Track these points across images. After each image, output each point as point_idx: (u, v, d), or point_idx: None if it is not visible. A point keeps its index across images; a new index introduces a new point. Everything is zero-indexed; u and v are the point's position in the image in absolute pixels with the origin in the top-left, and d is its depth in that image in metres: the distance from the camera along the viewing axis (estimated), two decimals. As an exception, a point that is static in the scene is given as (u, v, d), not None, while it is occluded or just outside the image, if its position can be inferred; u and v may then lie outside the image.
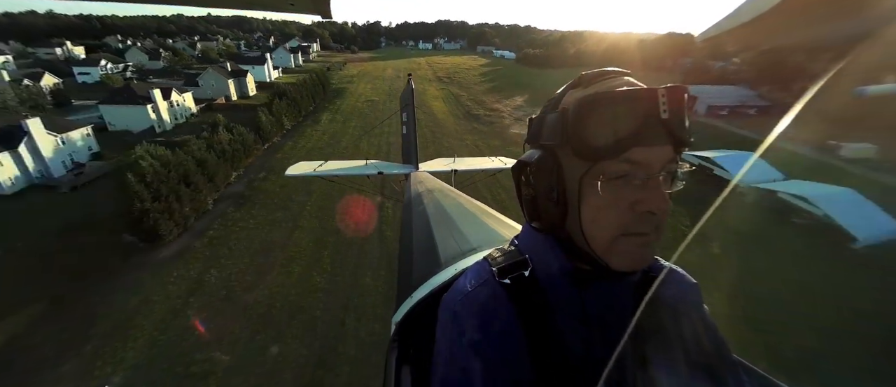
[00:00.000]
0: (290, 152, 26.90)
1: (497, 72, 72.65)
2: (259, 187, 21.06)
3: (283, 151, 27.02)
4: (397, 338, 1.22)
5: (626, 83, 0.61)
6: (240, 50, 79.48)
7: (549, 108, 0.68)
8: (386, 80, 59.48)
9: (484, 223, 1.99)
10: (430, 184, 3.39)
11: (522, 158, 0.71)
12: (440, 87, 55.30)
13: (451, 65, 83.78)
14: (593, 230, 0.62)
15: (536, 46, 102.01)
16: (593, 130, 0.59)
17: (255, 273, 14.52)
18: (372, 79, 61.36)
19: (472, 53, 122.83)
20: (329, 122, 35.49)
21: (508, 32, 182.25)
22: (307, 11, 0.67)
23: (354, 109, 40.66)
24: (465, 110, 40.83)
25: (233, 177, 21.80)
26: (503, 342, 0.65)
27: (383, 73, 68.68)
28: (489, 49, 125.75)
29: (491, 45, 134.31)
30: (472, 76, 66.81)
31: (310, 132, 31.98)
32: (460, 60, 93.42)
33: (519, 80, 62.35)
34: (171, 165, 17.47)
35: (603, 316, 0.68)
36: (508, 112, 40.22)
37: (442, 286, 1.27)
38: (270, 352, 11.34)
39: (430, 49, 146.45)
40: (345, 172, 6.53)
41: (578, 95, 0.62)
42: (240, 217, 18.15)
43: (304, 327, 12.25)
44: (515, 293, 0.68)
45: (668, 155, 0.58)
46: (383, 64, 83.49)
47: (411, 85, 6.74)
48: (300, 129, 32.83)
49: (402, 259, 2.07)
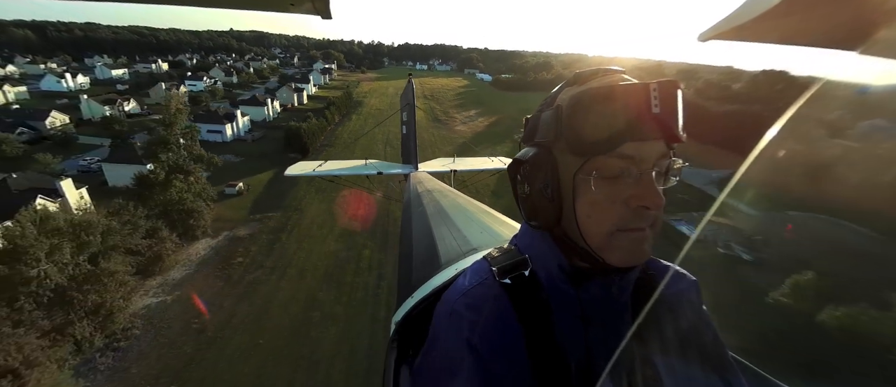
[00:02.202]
0: (341, 133, 52.71)
1: (469, 92, 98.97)
2: (337, 135, 47.04)
3: (336, 133, 52.81)
4: (397, 338, 1.23)
5: (620, 80, 0.61)
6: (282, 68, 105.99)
7: (544, 106, 0.69)
8: (388, 96, 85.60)
9: (484, 223, 2.01)
10: (430, 184, 3.48)
11: (518, 156, 0.72)
12: (423, 102, 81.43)
13: (438, 85, 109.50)
14: (589, 226, 0.62)
15: (512, 71, 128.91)
16: (587, 126, 0.59)
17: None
18: (379, 95, 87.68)
19: (459, 75, 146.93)
20: (356, 119, 61.58)
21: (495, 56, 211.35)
22: (307, 11, 0.68)
23: (370, 114, 66.67)
24: (434, 116, 66.98)
25: (321, 138, 47.82)
26: (502, 340, 0.65)
27: (386, 90, 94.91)
28: (473, 72, 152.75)
29: (476, 68, 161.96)
30: (449, 95, 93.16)
31: (348, 124, 57.95)
32: (446, 82, 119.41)
33: (481, 99, 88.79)
34: (310, 127, 43.50)
35: (601, 314, 0.68)
36: (460, 119, 66.55)
37: (442, 286, 1.27)
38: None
39: (426, 70, 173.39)
40: (344, 172, 6.64)
41: (573, 92, 0.62)
42: (332, 149, 43.96)
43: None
44: (514, 292, 0.68)
45: (661, 150, 0.59)
46: (386, 84, 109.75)
47: (411, 84, 6.92)
48: (342, 123, 58.85)
49: (401, 259, 2.06)
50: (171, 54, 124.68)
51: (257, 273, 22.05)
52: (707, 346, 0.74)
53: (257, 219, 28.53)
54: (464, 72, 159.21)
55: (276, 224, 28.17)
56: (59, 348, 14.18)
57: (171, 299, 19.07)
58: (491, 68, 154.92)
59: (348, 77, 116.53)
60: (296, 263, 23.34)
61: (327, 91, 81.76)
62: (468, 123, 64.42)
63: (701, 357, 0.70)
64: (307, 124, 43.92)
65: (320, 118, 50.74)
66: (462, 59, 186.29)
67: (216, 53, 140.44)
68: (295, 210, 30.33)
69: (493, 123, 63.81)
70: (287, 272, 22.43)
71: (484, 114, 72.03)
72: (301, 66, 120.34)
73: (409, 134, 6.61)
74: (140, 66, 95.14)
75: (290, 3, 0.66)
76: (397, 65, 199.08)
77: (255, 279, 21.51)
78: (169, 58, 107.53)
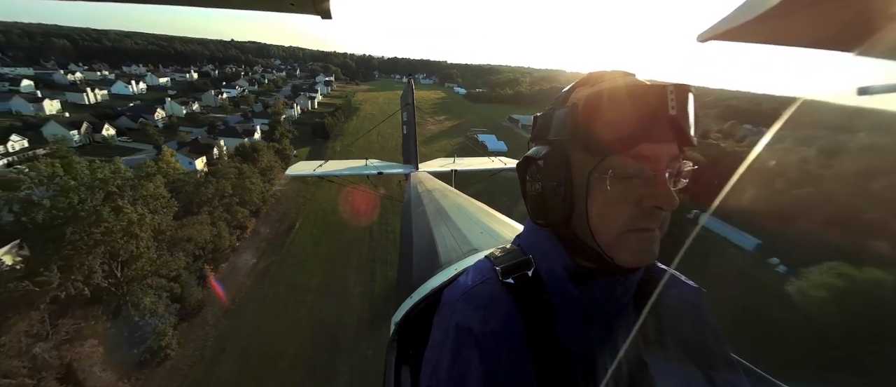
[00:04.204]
0: (347, 127, 75.98)
1: (444, 103, 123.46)
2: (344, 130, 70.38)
3: (344, 128, 76.06)
4: (397, 338, 1.23)
5: (634, 81, 0.61)
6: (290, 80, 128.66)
7: (556, 105, 0.69)
8: (379, 104, 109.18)
9: (484, 223, 2.03)
10: (430, 184, 3.54)
11: (529, 153, 0.73)
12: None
13: (419, 97, 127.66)
14: (600, 225, 0.62)
15: (485, 85, 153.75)
16: (603, 125, 0.59)
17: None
18: (372, 103, 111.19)
19: (440, 88, 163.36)
20: (356, 120, 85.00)
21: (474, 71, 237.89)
22: (307, 11, 0.68)
23: (366, 116, 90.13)
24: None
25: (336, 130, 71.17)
26: (504, 340, 0.66)
27: (377, 100, 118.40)
28: (452, 85, 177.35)
29: (455, 82, 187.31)
30: (426, 105, 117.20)
31: (351, 122, 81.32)
32: (427, 94, 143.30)
33: (452, 108, 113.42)
34: (329, 122, 67.04)
35: (604, 314, 0.69)
36: (432, 122, 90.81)
37: (442, 286, 1.28)
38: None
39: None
40: (345, 172, 6.66)
41: (588, 92, 0.63)
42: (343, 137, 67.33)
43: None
44: (517, 292, 0.69)
45: (674, 152, 0.59)
46: (377, 94, 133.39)
47: (411, 85, 7.05)
48: (347, 121, 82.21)
49: (402, 259, 2.09)
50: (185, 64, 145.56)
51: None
52: (709, 347, 0.74)
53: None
54: (444, 85, 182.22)
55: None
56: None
57: (284, 188, 41.90)
58: (468, 82, 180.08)
59: (346, 88, 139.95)
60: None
61: (331, 99, 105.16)
62: (437, 125, 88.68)
63: (703, 358, 0.70)
64: (328, 120, 67.29)
65: (332, 118, 73.99)
66: (443, 73, 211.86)
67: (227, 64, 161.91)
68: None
69: (455, 125, 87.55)
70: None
71: (450, 119, 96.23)
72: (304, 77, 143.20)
73: (409, 134, 6.82)
74: (176, 76, 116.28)
75: (290, 3, 0.67)
76: (387, 77, 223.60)
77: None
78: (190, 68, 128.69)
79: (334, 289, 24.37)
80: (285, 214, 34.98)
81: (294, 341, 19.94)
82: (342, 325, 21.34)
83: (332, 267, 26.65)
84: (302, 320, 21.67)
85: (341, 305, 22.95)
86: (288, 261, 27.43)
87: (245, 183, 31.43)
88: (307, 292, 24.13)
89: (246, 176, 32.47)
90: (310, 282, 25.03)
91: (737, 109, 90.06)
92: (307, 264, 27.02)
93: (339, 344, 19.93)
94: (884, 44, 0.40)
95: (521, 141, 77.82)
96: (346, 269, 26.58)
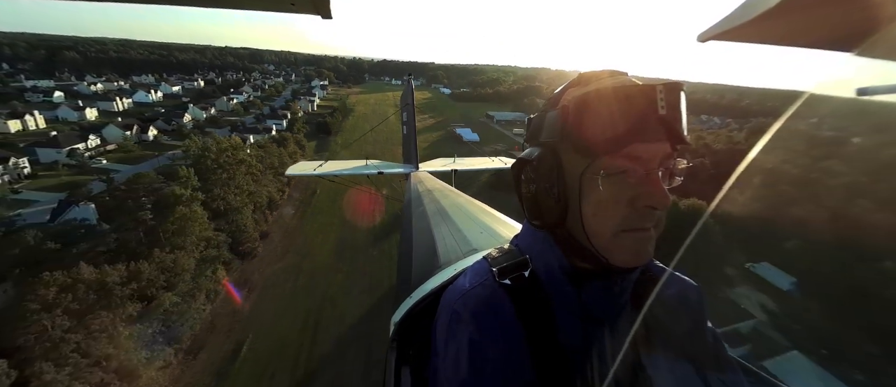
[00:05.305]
0: (345, 125, 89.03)
1: (430, 102, 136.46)
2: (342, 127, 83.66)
3: (342, 125, 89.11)
4: (397, 338, 1.23)
5: (625, 81, 0.61)
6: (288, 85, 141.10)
7: (548, 106, 0.69)
8: (370, 105, 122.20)
9: (484, 223, 2.02)
10: (431, 184, 3.54)
11: (522, 156, 0.72)
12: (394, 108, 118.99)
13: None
14: (594, 226, 0.62)
15: (469, 85, 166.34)
16: (594, 126, 0.59)
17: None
18: (364, 104, 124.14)
19: (426, 89, 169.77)
20: (353, 119, 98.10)
21: (459, 72, 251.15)
22: (308, 11, 0.68)
23: (360, 116, 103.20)
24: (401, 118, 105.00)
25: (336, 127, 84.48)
26: (503, 341, 0.66)
27: (368, 101, 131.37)
28: (438, 86, 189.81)
29: (441, 83, 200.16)
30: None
31: (347, 121, 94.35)
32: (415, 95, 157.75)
33: (437, 106, 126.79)
34: (334, 119, 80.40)
35: (602, 314, 0.69)
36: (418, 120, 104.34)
37: (441, 286, 1.27)
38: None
39: (400, 84, 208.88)
40: (345, 172, 6.62)
41: (579, 93, 0.62)
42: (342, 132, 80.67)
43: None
44: (515, 293, 0.69)
45: (666, 151, 0.59)
46: (368, 96, 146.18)
47: (411, 85, 6.96)
48: (344, 120, 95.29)
49: (401, 259, 2.07)
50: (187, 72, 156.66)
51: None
52: (707, 346, 0.75)
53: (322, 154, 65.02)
54: (431, 86, 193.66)
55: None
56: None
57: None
58: (453, 83, 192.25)
59: (339, 91, 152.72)
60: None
61: (327, 101, 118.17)
62: (421, 122, 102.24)
63: (701, 357, 0.70)
64: (328, 119, 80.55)
65: (332, 118, 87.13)
66: (430, 74, 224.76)
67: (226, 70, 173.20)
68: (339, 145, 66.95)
69: (438, 122, 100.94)
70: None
71: (434, 116, 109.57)
72: (300, 81, 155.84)
73: (409, 134, 6.85)
74: (185, 84, 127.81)
75: (290, 3, 0.67)
76: (377, 80, 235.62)
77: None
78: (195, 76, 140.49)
79: (348, 226, 37.97)
80: (308, 185, 48.26)
81: (327, 247, 33.75)
82: (354, 241, 35.06)
83: (346, 215, 40.26)
84: (330, 241, 35.36)
85: (353, 233, 36.59)
86: (316, 211, 41.03)
87: (284, 159, 44.93)
88: (331, 227, 37.81)
89: (284, 155, 46.03)
90: (332, 221, 38.72)
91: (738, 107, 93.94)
92: (329, 213, 40.60)
93: (353, 249, 33.64)
94: (884, 44, 0.40)
95: (494, 133, 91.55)
96: (355, 216, 40.25)
